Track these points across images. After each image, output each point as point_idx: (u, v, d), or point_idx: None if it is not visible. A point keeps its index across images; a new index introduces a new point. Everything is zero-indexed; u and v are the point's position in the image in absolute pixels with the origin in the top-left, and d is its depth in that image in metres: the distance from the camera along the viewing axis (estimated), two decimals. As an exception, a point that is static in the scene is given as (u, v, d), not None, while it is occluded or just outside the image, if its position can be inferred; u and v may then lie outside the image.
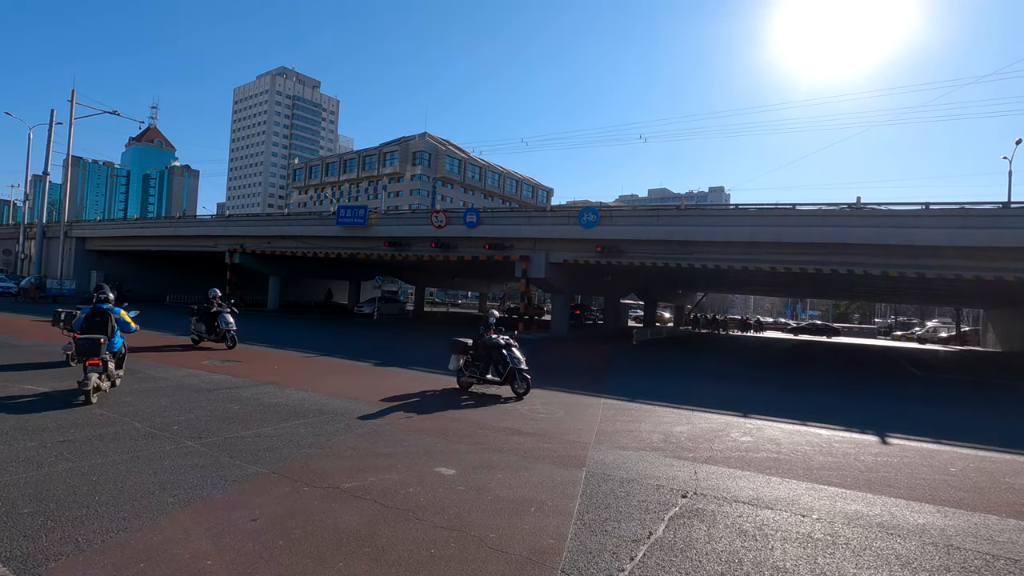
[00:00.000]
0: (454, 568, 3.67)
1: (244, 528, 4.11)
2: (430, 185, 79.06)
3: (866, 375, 20.24)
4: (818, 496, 5.59)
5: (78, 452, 5.67)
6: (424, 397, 9.99)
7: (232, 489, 4.90)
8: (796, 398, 13.15)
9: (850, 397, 13.79)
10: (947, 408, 13.05)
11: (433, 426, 7.76)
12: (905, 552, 4.30)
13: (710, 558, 4.01)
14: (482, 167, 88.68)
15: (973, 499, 5.75)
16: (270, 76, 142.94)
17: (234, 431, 6.85)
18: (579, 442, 7.34)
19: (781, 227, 22.01)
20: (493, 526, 4.37)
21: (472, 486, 5.31)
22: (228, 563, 3.58)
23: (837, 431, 9.03)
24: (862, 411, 11.37)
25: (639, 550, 4.08)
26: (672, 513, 4.86)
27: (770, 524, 4.73)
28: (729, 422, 9.33)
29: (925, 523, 4.96)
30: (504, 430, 7.77)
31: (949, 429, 9.71)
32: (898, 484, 6.17)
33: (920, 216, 20.00)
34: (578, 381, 13.18)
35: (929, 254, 20.18)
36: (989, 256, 19.44)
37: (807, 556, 4.13)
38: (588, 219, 25.81)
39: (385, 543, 3.98)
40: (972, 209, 19.42)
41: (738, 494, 5.51)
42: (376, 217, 32.91)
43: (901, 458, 7.43)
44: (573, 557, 3.91)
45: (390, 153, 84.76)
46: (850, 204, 21.73)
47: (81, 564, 3.49)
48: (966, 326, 53.01)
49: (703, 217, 24.81)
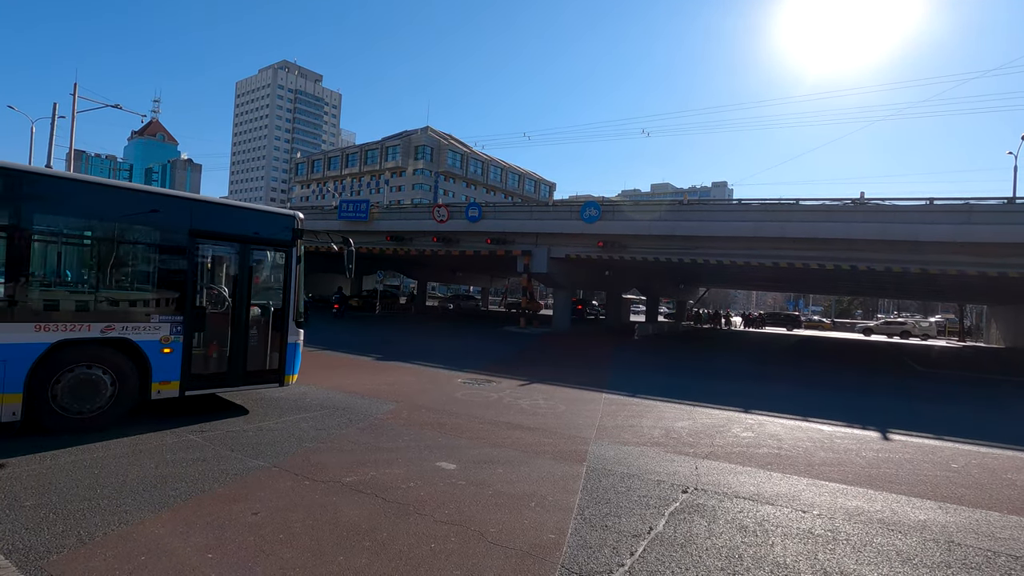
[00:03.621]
0: (454, 562, 3.67)
1: (245, 522, 4.12)
2: (432, 180, 78.93)
3: (869, 371, 20.20)
4: (819, 492, 5.59)
5: (81, 443, 5.70)
6: (425, 392, 10.00)
7: (233, 483, 4.92)
8: (798, 393, 13.12)
9: (851, 392, 13.77)
10: (948, 404, 13.03)
11: (434, 420, 7.77)
12: (906, 548, 4.29)
13: (710, 553, 4.01)
14: (484, 162, 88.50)
15: (975, 495, 5.75)
16: (272, 70, 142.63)
17: (236, 425, 6.87)
18: (580, 437, 7.35)
19: (785, 222, 21.93)
20: (494, 521, 4.38)
21: (473, 481, 5.32)
22: (229, 557, 3.59)
23: (839, 427, 9.02)
24: (864, 407, 11.35)
25: (639, 545, 4.08)
26: (673, 508, 4.87)
27: (771, 520, 4.73)
28: (730, 417, 9.32)
29: (926, 519, 4.96)
30: (505, 425, 7.77)
31: (951, 425, 9.69)
32: (899, 480, 6.16)
33: (924, 212, 19.89)
34: (579, 376, 13.18)
35: (933, 250, 20.07)
36: (993, 252, 19.33)
37: (808, 552, 4.13)
38: (590, 214, 25.75)
39: (386, 537, 3.98)
40: (977, 205, 19.31)
41: (739, 490, 5.51)
42: (378, 211, 32.90)
43: (903, 454, 7.42)
44: (573, 552, 3.91)
45: (392, 147, 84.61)
46: (854, 200, 21.64)
47: (83, 557, 3.51)
48: (968, 322, 52.73)
49: (706, 212, 24.73)
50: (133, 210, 6.65)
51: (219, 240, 7.43)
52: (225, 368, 7.30)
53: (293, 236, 7.85)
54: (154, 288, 6.79)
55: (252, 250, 7.57)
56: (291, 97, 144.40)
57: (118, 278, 6.77)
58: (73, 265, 6.71)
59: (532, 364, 14.84)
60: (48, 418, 5.94)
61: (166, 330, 6.68)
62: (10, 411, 5.66)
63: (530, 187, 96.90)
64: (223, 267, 7.83)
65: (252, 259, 7.57)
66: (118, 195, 6.63)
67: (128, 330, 6.42)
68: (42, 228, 6.17)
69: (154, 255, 6.87)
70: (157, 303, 6.71)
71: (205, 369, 7.15)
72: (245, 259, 7.43)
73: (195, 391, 7.02)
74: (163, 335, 6.65)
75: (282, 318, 7.80)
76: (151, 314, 6.63)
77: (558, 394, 10.57)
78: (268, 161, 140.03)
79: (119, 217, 6.54)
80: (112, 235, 6.58)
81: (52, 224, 6.30)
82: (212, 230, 7.23)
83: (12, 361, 5.65)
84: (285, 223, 7.85)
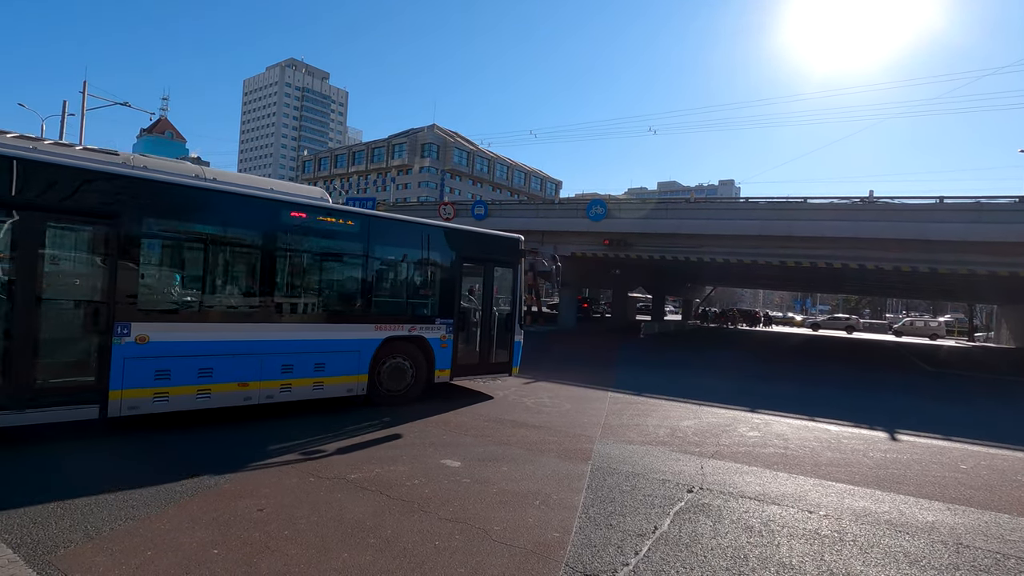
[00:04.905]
0: (459, 560, 3.67)
1: (250, 517, 4.14)
2: (438, 177, 78.97)
3: (878, 370, 20.05)
4: (825, 492, 5.55)
5: (86, 436, 5.74)
6: (428, 391, 10.00)
7: (239, 479, 4.94)
8: (804, 392, 13.04)
9: (859, 392, 13.68)
10: (957, 404, 12.91)
11: (439, 419, 7.77)
12: (914, 550, 4.25)
13: (715, 553, 3.98)
14: (490, 159, 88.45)
15: (984, 497, 5.69)
16: (280, 68, 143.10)
17: (245, 422, 6.90)
18: (585, 435, 7.33)
19: (792, 221, 21.81)
20: (498, 519, 4.37)
21: (477, 479, 5.32)
22: (234, 552, 3.61)
23: (846, 427, 8.96)
24: (871, 407, 11.27)
25: (644, 544, 4.06)
26: (678, 508, 4.84)
27: (776, 520, 4.70)
28: (736, 417, 9.28)
29: (934, 521, 4.91)
30: (510, 423, 7.77)
31: (960, 425, 9.59)
32: (907, 481, 6.11)
33: (934, 211, 19.74)
34: (584, 374, 13.16)
35: (942, 249, 19.90)
36: (1004, 251, 19.15)
37: (814, 553, 4.10)
38: (596, 212, 25.71)
39: (390, 534, 3.99)
40: (987, 204, 19.14)
41: (744, 489, 5.48)
42: (384, 209, 32.94)
43: (911, 455, 7.36)
44: (578, 551, 3.90)
45: (399, 145, 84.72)
46: (862, 198, 21.49)
47: (89, 551, 3.53)
48: (978, 322, 52.18)
49: (712, 211, 24.64)
50: (437, 242, 8.90)
51: (474, 261, 9.51)
52: (476, 360, 9.51)
53: (519, 254, 9.97)
54: (436, 297, 8.91)
55: (493, 267, 9.69)
56: (298, 95, 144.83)
57: (416, 290, 8.87)
58: (393, 281, 8.71)
59: (537, 362, 14.79)
60: (375, 394, 8.12)
61: (444, 330, 8.87)
62: (360, 387, 7.94)
63: (536, 185, 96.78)
64: (472, 280, 9.79)
65: (493, 274, 9.72)
66: (429, 230, 8.93)
67: (423, 330, 8.65)
68: (381, 256, 8.40)
69: (437, 273, 8.98)
70: (438, 309, 8.87)
71: (465, 360, 9.28)
72: (489, 274, 9.66)
73: (459, 378, 9.29)
74: (442, 334, 8.84)
75: (511, 320, 9.88)
76: (435, 317, 8.82)
77: (563, 392, 10.56)
78: (275, 159, 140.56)
79: (427, 247, 8.78)
80: (420, 259, 8.80)
81: (387, 253, 8.47)
82: (471, 253, 9.43)
83: (363, 351, 7.94)
84: (514, 244, 10.00)
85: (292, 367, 7.20)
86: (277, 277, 7.24)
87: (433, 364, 8.69)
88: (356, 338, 7.85)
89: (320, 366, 7.48)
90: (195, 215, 6.61)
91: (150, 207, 6.09)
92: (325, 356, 7.54)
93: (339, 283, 8.13)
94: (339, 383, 7.70)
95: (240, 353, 6.72)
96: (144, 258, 6.16)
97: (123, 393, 5.83)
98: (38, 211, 5.38)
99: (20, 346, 5.27)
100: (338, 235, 7.91)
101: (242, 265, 7.19)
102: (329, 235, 7.81)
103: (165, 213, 6.29)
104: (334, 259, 8.06)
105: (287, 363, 7.16)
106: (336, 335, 7.70)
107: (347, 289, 8.09)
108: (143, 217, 6.04)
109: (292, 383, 7.23)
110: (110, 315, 5.74)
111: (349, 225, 7.96)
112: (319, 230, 7.63)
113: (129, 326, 5.85)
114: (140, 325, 5.93)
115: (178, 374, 6.23)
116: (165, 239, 6.51)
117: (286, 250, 7.31)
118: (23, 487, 4.48)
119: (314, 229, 7.56)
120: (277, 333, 7.13)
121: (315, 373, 7.43)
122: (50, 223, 5.56)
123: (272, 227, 7.09)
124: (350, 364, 7.78)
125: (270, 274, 7.10)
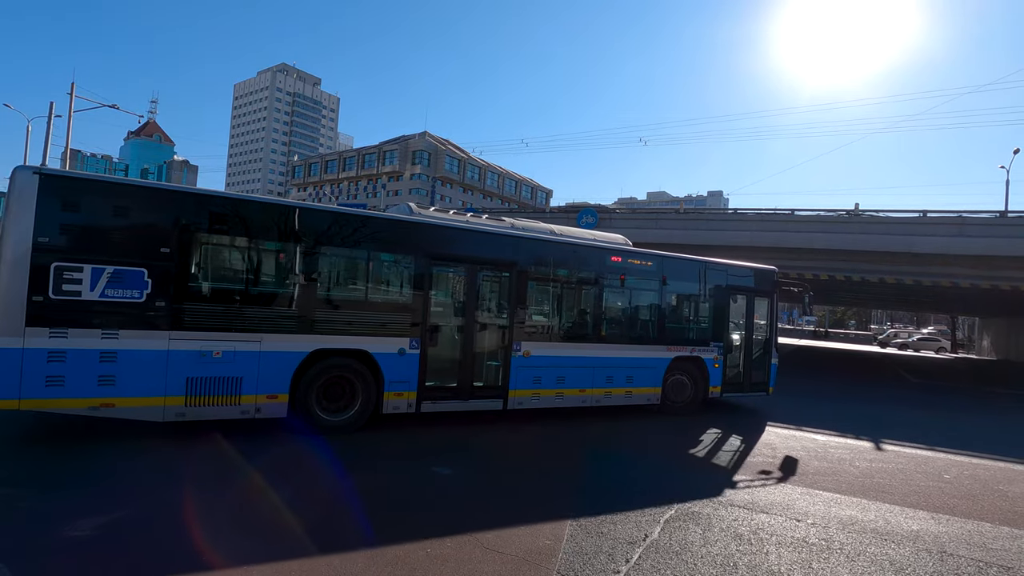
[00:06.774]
0: (450, 568, 3.67)
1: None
2: (429, 184, 78.95)
3: (864, 381, 20.27)
4: (813, 501, 5.61)
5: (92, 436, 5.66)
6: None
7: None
8: (791, 402, 13.13)
9: (844, 401, 13.81)
10: (940, 414, 13.08)
11: (436, 429, 7.75)
12: (899, 558, 4.32)
13: (705, 561, 4.02)
14: (482, 167, 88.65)
15: (967, 506, 5.78)
16: (271, 72, 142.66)
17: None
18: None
19: (782, 232, 22.03)
20: (490, 526, 4.37)
21: (468, 485, 5.31)
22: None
23: (832, 436, 9.06)
24: (857, 416, 11.40)
25: (635, 552, 4.09)
26: (668, 516, 4.87)
27: (765, 528, 4.75)
28: (725, 426, 9.32)
29: (919, 529, 4.99)
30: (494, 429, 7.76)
31: (944, 435, 9.73)
32: (893, 490, 6.19)
33: (918, 224, 20.06)
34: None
35: (927, 262, 20.21)
36: (986, 264, 19.50)
37: (802, 560, 4.14)
38: (587, 221, 25.78)
39: (384, 540, 3.97)
40: (969, 218, 19.49)
41: (733, 498, 5.52)
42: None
43: (896, 464, 7.46)
44: (569, 558, 3.92)
45: (390, 152, 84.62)
46: (848, 211, 21.79)
47: (78, 562, 3.48)
48: (960, 334, 52.92)
49: (702, 221, 24.84)
50: (711, 275, 10.30)
51: (739, 289, 10.67)
52: (740, 379, 10.72)
53: (774, 283, 11.18)
54: (710, 323, 10.32)
55: (754, 295, 10.83)
56: (289, 100, 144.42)
57: (695, 317, 10.36)
58: (678, 309, 10.24)
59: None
60: (665, 404, 9.66)
61: (716, 352, 10.22)
62: (656, 397, 9.56)
63: (527, 193, 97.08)
64: (737, 307, 10.76)
65: (754, 302, 10.84)
66: (705, 265, 10.33)
67: (700, 351, 10.04)
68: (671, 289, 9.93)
69: (710, 301, 10.34)
70: (711, 333, 10.26)
71: (732, 379, 10.54)
72: (751, 302, 10.79)
73: (726, 394, 10.51)
74: (715, 355, 10.21)
75: (769, 344, 11.05)
76: (709, 340, 10.19)
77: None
78: (265, 164, 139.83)
79: (703, 279, 10.23)
80: (698, 291, 10.22)
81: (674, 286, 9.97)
82: (737, 283, 10.64)
83: (658, 368, 9.56)
84: (770, 275, 11.18)
85: (612, 378, 9.02)
86: (603, 307, 9.18)
87: (708, 381, 10.06)
88: (655, 356, 9.53)
89: (630, 378, 9.21)
90: (557, 263, 8.72)
91: (530, 259, 8.37)
92: (633, 370, 9.24)
93: (643, 311, 9.83)
94: (643, 393, 9.40)
95: (580, 365, 8.65)
96: (530, 295, 8.36)
97: (516, 392, 7.97)
98: (476, 264, 7.86)
99: (469, 359, 7.73)
100: (641, 273, 9.62)
101: (582, 299, 9.15)
102: (635, 273, 9.55)
103: (540, 263, 8.53)
104: (639, 292, 9.72)
105: (609, 375, 8.98)
106: (641, 353, 9.40)
107: (649, 316, 9.80)
108: (529, 266, 8.33)
109: (612, 391, 9.03)
110: (510, 336, 7.95)
111: (648, 265, 9.71)
112: (629, 270, 9.45)
113: (520, 344, 8.04)
114: (526, 343, 8.10)
115: (545, 380, 8.31)
116: (537, 280, 8.54)
117: (609, 286, 9.24)
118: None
119: (626, 269, 9.40)
120: (603, 351, 8.96)
121: (626, 384, 9.18)
122: (483, 273, 8.07)
123: (599, 269, 9.10)
124: (650, 377, 9.45)
125: (599, 305, 9.10)
